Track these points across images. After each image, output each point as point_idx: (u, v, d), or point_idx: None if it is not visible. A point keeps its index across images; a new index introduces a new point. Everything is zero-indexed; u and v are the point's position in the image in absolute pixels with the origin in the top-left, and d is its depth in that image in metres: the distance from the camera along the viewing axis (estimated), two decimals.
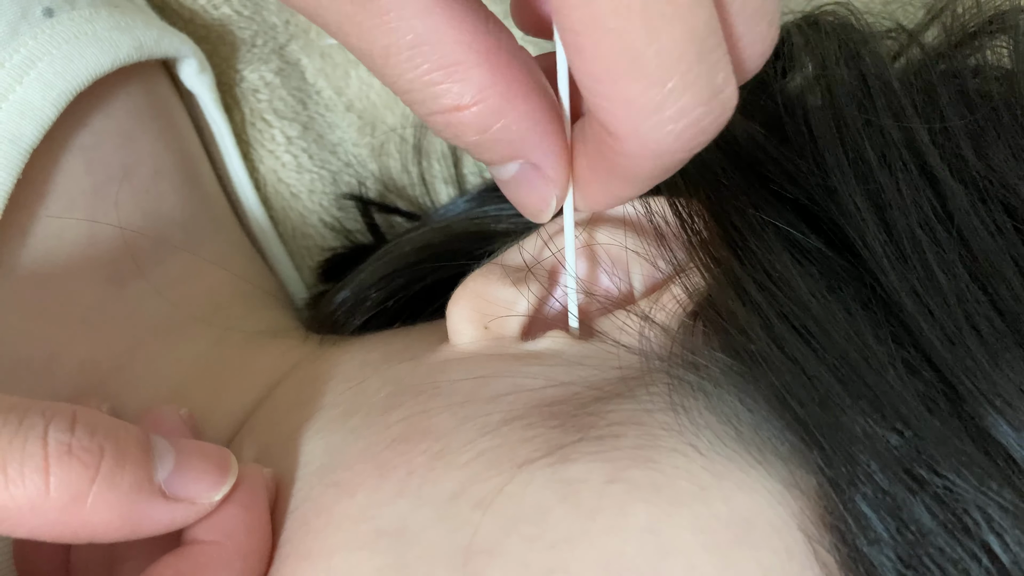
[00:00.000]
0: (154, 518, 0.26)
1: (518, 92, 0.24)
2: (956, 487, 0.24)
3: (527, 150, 0.25)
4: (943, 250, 0.28)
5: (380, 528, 0.27)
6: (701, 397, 0.27)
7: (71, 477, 0.24)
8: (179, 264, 0.38)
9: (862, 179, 0.30)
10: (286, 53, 0.44)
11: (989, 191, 0.29)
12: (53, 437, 0.24)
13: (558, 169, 0.26)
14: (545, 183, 0.26)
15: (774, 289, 0.28)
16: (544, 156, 0.25)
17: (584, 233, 0.32)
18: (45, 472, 0.24)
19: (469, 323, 0.32)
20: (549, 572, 0.24)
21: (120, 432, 0.25)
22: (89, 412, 0.25)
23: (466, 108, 0.24)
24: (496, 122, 0.24)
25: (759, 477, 0.25)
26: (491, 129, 0.24)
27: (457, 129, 0.24)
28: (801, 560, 0.24)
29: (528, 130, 0.25)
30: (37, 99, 0.32)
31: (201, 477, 0.27)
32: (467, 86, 0.23)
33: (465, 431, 0.28)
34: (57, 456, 0.24)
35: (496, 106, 0.24)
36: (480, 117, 0.24)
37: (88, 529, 0.24)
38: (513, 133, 0.24)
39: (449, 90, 0.23)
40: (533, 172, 0.26)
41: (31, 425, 0.24)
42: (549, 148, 0.25)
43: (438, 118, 0.24)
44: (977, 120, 0.30)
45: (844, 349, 0.26)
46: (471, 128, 0.24)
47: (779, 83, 0.34)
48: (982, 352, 0.26)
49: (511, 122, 0.24)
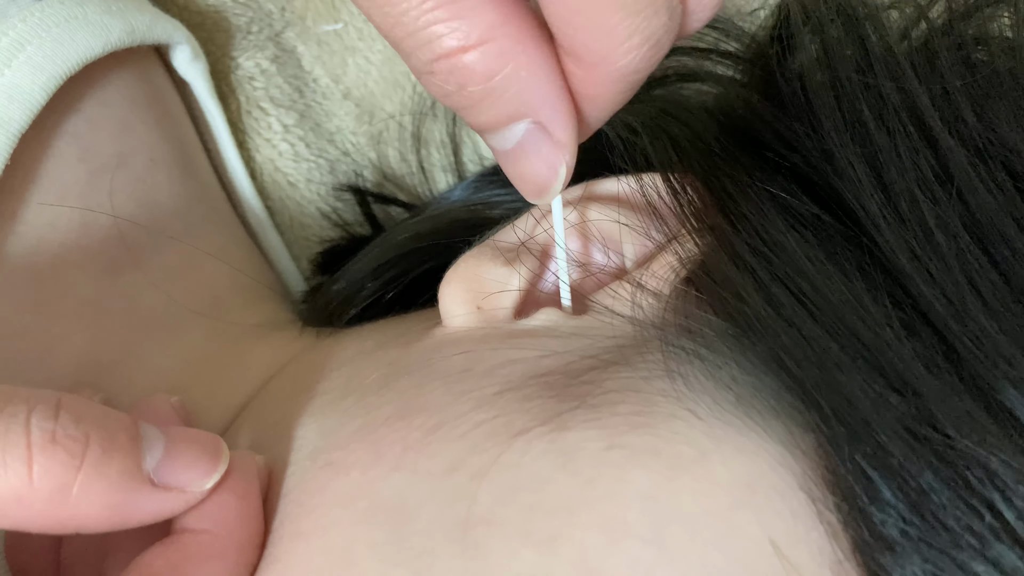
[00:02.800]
0: (143, 507, 0.25)
1: (530, 36, 0.23)
2: (958, 444, 0.23)
3: (536, 105, 0.24)
4: (942, 210, 0.27)
5: (376, 504, 0.26)
6: (697, 362, 0.27)
7: (55, 466, 0.23)
8: (176, 255, 0.37)
9: (859, 141, 0.29)
10: (282, 40, 0.43)
11: (990, 152, 0.28)
12: (36, 425, 0.23)
13: (568, 130, 0.25)
14: (553, 148, 0.25)
15: (768, 253, 0.28)
16: (554, 114, 0.24)
17: (576, 211, 0.31)
18: (28, 461, 0.23)
19: (462, 303, 0.31)
20: (550, 540, 0.24)
21: (107, 419, 0.25)
22: (75, 399, 0.25)
23: (472, 48, 0.22)
24: (504, 66, 0.23)
25: (759, 440, 0.25)
26: (498, 75, 0.23)
27: (461, 76, 0.23)
28: (806, 521, 0.24)
29: (539, 80, 0.23)
30: (26, 83, 0.32)
31: (191, 465, 0.26)
32: (474, 24, 0.22)
33: (460, 404, 0.28)
34: (41, 445, 0.23)
35: (505, 48, 0.23)
36: (487, 59, 0.23)
37: (75, 520, 0.24)
38: (522, 82, 0.23)
39: (455, 28, 0.22)
40: (540, 135, 0.25)
41: (13, 413, 0.23)
42: (559, 103, 0.24)
43: (441, 64, 0.23)
44: (978, 82, 0.30)
45: (840, 310, 0.26)
46: (476, 74, 0.23)
47: (775, 48, 0.34)
48: (982, 312, 0.25)
49: (521, 67, 0.23)
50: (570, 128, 0.25)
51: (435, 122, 0.44)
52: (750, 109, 0.33)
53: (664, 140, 0.33)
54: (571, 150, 0.25)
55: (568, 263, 0.31)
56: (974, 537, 0.23)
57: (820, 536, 0.24)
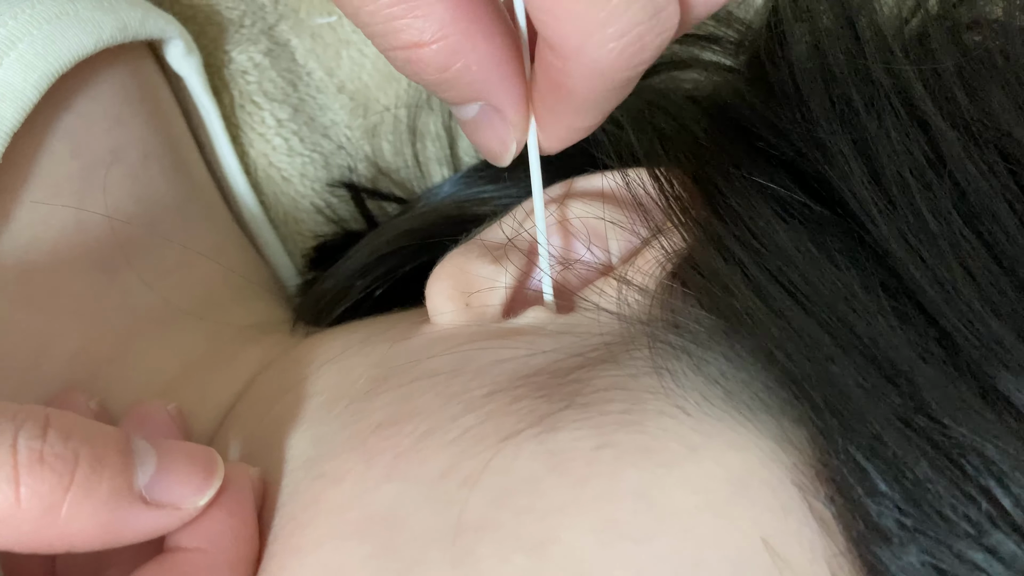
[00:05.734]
0: (135, 526, 0.25)
1: (479, 31, 0.24)
2: (953, 432, 0.23)
3: (487, 92, 0.25)
4: (934, 195, 0.27)
5: (367, 515, 0.26)
6: (685, 358, 0.27)
7: (43, 486, 0.23)
8: (170, 253, 0.37)
9: (848, 126, 0.29)
10: (275, 34, 0.43)
11: (983, 135, 0.28)
12: (24, 444, 0.23)
13: (517, 112, 0.26)
14: (504, 126, 0.26)
15: (756, 245, 0.28)
16: (504, 98, 0.26)
17: (561, 207, 0.31)
18: (15, 482, 0.23)
19: (449, 300, 0.31)
20: (541, 544, 0.24)
21: (97, 436, 0.24)
22: (63, 415, 0.24)
23: (426, 45, 0.24)
24: (456, 61, 0.24)
25: (749, 435, 0.25)
26: (451, 68, 0.24)
27: (417, 66, 0.24)
28: (798, 516, 0.24)
29: (488, 71, 0.25)
30: (18, 81, 0.32)
31: (185, 481, 0.26)
32: (428, 22, 0.23)
33: (450, 409, 0.27)
34: (28, 465, 0.23)
35: (456, 45, 0.24)
36: (440, 55, 0.24)
37: (64, 540, 0.23)
38: (473, 74, 0.25)
39: (410, 25, 0.23)
40: (493, 114, 0.26)
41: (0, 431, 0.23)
42: (509, 90, 0.26)
43: (398, 54, 0.24)
44: (970, 64, 0.30)
45: (831, 301, 0.26)
46: (431, 66, 0.24)
47: (762, 37, 0.33)
48: (976, 297, 0.25)
49: (471, 62, 0.24)
50: (520, 109, 0.26)
51: (431, 114, 0.44)
52: (739, 98, 0.33)
53: (650, 133, 0.33)
54: (522, 128, 0.27)
55: (553, 260, 0.30)
56: (971, 526, 0.23)
57: (812, 531, 0.24)
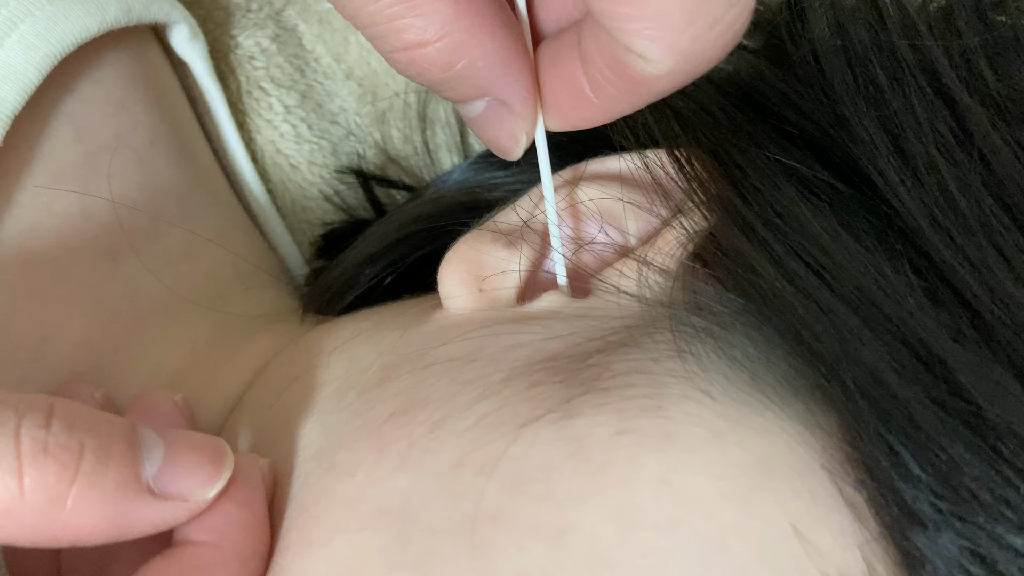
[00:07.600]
0: (142, 519, 0.24)
1: (483, 27, 0.24)
2: (988, 414, 0.23)
3: (493, 87, 0.25)
4: (963, 172, 0.26)
5: (380, 506, 0.25)
6: (709, 340, 0.26)
7: (48, 478, 0.22)
8: (177, 240, 0.37)
9: (873, 104, 0.28)
10: (283, 18, 0.43)
11: (1011, 110, 0.28)
12: (27, 435, 0.22)
13: (526, 104, 0.26)
14: (513, 119, 0.26)
15: (781, 224, 0.27)
16: (511, 92, 0.25)
17: (575, 190, 0.31)
18: (19, 474, 0.22)
19: (462, 285, 0.30)
20: (560, 532, 0.23)
21: (102, 426, 0.24)
22: (68, 404, 0.24)
23: (429, 44, 0.23)
24: (461, 59, 0.24)
25: (775, 419, 0.24)
26: (456, 66, 0.24)
27: (421, 67, 0.24)
28: (827, 500, 0.23)
29: (494, 67, 0.24)
30: (19, 62, 0.31)
31: (193, 472, 0.25)
32: (430, 21, 0.23)
33: (465, 396, 0.27)
34: (32, 456, 0.22)
35: (460, 41, 0.24)
36: (444, 54, 0.24)
37: (69, 533, 0.23)
38: (479, 71, 0.24)
39: (412, 25, 0.23)
40: (501, 109, 0.26)
41: (2, 422, 0.22)
42: (516, 84, 0.25)
43: (401, 55, 0.24)
44: (996, 41, 0.29)
45: (860, 281, 0.25)
46: (435, 66, 0.24)
47: (782, 15, 0.33)
48: (1008, 277, 0.25)
49: (476, 59, 0.24)
50: (528, 102, 0.26)
51: (441, 101, 0.43)
52: (758, 77, 0.32)
53: (667, 113, 0.32)
54: (531, 120, 0.26)
55: (568, 243, 0.30)
56: (1010, 510, 0.22)
57: (843, 517, 0.23)
